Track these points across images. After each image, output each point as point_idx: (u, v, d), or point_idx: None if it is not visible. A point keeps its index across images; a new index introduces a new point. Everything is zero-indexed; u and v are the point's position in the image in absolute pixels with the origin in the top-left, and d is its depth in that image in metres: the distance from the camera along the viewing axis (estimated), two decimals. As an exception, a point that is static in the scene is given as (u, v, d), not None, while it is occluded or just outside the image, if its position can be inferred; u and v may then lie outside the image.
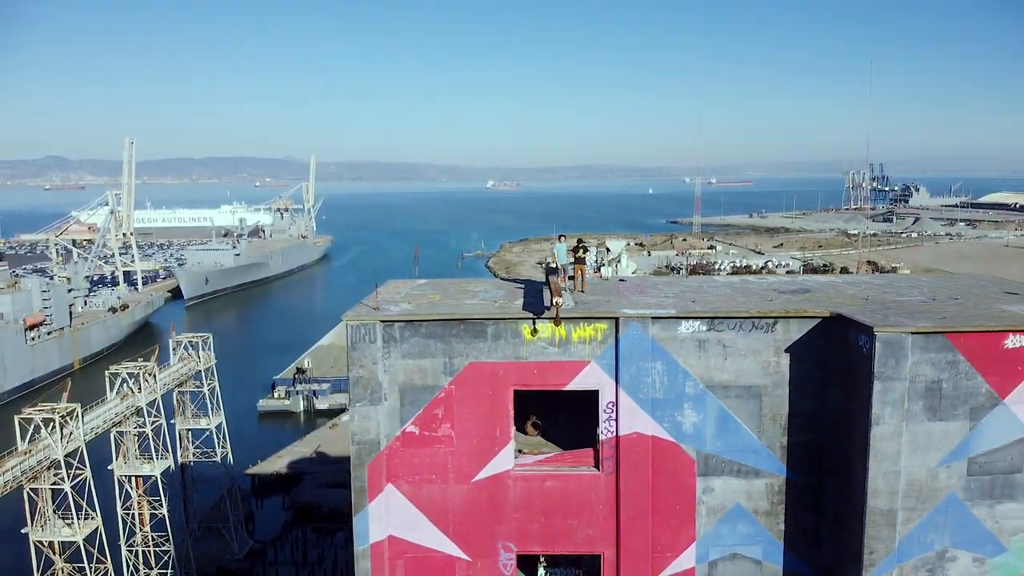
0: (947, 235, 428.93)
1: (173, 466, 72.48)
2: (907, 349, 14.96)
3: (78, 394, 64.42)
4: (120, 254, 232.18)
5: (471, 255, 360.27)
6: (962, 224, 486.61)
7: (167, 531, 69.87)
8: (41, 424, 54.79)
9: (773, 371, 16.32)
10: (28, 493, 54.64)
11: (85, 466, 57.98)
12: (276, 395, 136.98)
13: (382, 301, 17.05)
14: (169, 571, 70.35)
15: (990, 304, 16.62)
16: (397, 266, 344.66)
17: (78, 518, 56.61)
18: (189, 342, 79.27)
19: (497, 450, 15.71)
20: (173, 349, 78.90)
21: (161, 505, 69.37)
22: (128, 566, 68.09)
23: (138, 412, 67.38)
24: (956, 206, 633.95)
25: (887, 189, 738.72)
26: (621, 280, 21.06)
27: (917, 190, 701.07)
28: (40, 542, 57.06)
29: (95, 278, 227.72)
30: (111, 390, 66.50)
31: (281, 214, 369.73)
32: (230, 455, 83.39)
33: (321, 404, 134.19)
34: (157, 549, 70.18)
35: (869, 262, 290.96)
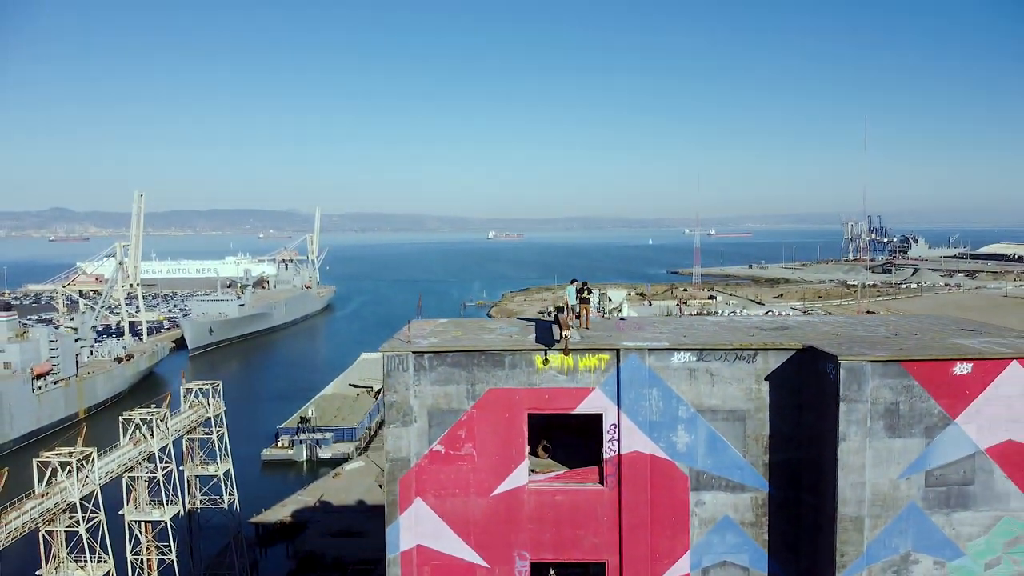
0: (946, 286, 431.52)
1: (182, 512, 73.36)
2: (867, 375, 17.14)
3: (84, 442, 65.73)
4: (125, 304, 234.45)
5: (473, 304, 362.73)
6: (961, 275, 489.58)
7: (176, 573, 70.50)
8: (58, 467, 56.11)
9: (755, 397, 18.22)
10: (43, 535, 55.68)
11: (99, 510, 59.09)
12: (280, 444, 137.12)
13: (412, 335, 19.10)
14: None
15: (945, 338, 18.62)
16: (399, 315, 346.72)
17: (91, 561, 57.44)
18: (199, 389, 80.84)
19: (513, 467, 17.50)
20: (184, 396, 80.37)
21: (170, 550, 70.12)
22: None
23: (150, 458, 68.65)
24: (955, 257, 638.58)
25: (885, 240, 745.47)
26: (621, 319, 23.09)
27: (916, 241, 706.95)
28: None
29: (100, 328, 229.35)
30: (124, 435, 67.88)
31: (286, 265, 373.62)
32: (237, 502, 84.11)
33: (324, 454, 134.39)
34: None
35: (868, 312, 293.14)
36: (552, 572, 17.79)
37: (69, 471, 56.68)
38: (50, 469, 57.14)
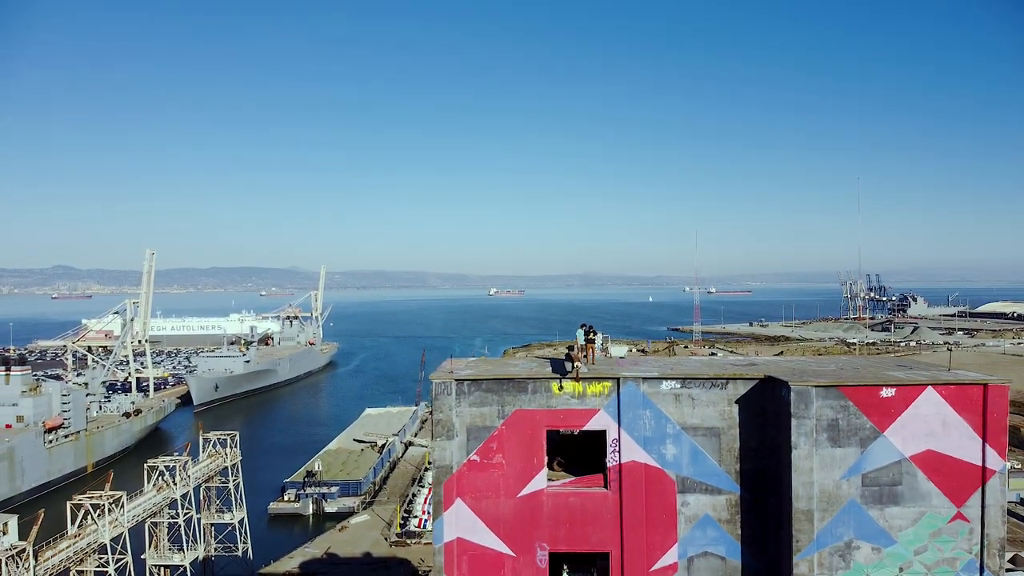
0: (945, 344, 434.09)
1: (200, 557, 75.79)
2: (812, 397, 20.64)
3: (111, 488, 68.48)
4: (133, 360, 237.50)
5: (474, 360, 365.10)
6: (960, 333, 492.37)
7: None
8: (91, 509, 59.22)
9: (727, 416, 21.86)
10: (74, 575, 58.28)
11: (127, 552, 61.91)
12: (286, 498, 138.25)
13: (453, 368, 23.03)
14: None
15: (880, 372, 22.53)
16: (401, 372, 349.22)
17: None
18: (218, 439, 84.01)
19: (534, 474, 21.06)
20: (202, 446, 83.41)
21: (188, 596, 72.44)
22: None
23: (172, 504, 71.63)
24: (954, 316, 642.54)
25: (884, 299, 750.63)
26: (620, 358, 27.18)
27: (915, 300, 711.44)
28: None
29: (107, 383, 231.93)
30: (148, 482, 70.99)
31: (291, 322, 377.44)
32: (250, 550, 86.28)
33: (330, 507, 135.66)
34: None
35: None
36: (565, 569, 21.09)
37: (100, 513, 59.83)
38: (82, 511, 60.27)
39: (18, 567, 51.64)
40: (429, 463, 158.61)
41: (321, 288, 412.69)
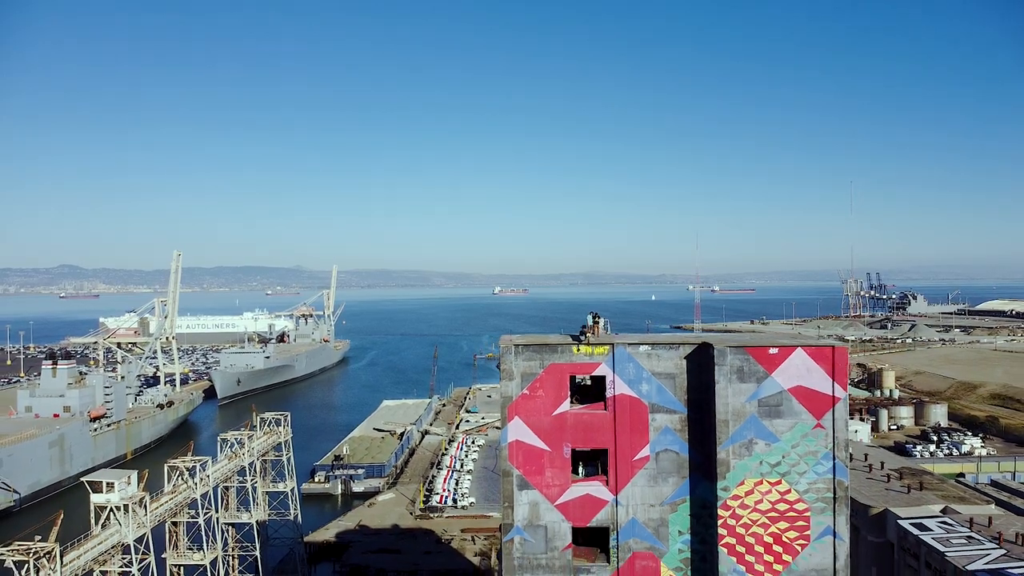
0: (940, 341, 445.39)
1: (263, 518, 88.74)
2: (727, 353, 32.46)
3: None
4: (162, 355, 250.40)
5: (483, 357, 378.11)
6: (957, 330, 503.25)
7: (258, 570, 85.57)
8: (184, 470, 72.23)
9: (679, 367, 33.77)
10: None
11: (211, 508, 74.96)
12: (316, 479, 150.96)
13: (508, 338, 35.17)
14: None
15: (777, 339, 34.71)
16: (411, 367, 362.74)
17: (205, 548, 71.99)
18: (273, 418, 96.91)
19: (562, 402, 33.04)
20: (259, 424, 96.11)
21: (254, 548, 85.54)
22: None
23: (241, 471, 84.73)
24: (953, 313, 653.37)
25: (884, 297, 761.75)
26: (615, 333, 39.34)
27: (915, 298, 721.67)
28: None
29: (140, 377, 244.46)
30: (220, 452, 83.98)
31: (306, 320, 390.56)
32: (299, 515, 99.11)
33: (357, 487, 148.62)
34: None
35: (859, 364, 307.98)
36: (580, 463, 33.08)
37: (192, 473, 72.90)
38: (177, 472, 73.35)
39: (138, 512, 64.34)
40: (445, 449, 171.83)
41: (333, 287, 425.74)
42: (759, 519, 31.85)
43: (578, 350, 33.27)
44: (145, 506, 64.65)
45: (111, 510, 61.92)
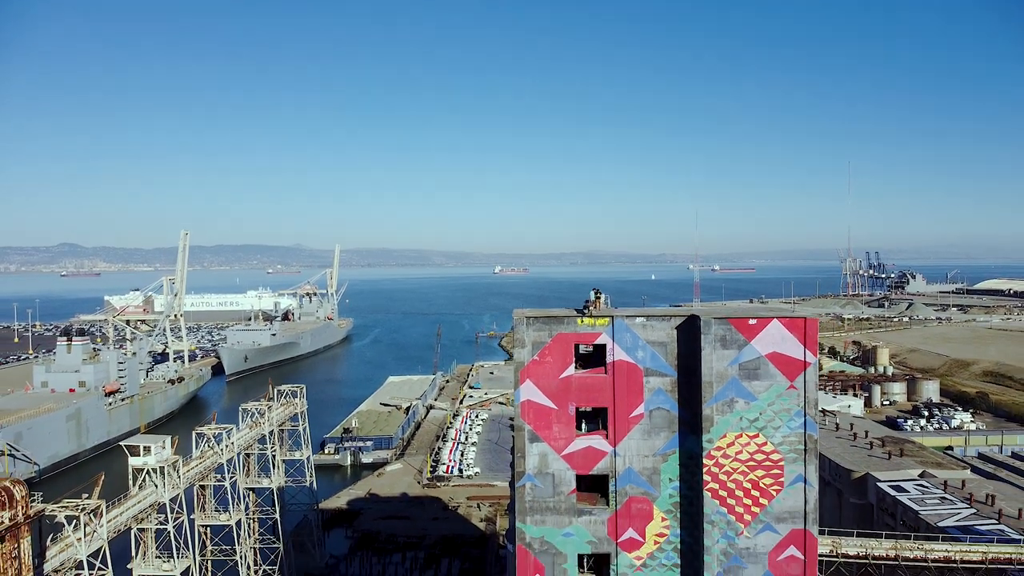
0: (937, 319, 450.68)
1: (282, 484, 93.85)
2: (712, 323, 36.81)
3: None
4: (171, 333, 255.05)
5: (485, 335, 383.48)
6: (954, 309, 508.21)
7: (279, 532, 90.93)
8: (211, 437, 77.20)
9: (670, 336, 38.15)
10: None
11: (235, 472, 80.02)
12: (326, 451, 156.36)
13: (520, 312, 39.58)
14: (277, 567, 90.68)
15: (756, 311, 39.23)
16: (414, 344, 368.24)
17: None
18: (290, 391, 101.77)
19: (567, 367, 37.49)
20: (277, 396, 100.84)
21: (274, 512, 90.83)
22: (241, 565, 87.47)
23: (262, 439, 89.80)
24: (951, 292, 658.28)
25: (883, 276, 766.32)
26: (614, 308, 43.68)
27: (913, 277, 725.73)
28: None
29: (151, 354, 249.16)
30: (242, 421, 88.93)
31: (310, 298, 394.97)
32: (315, 482, 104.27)
33: (366, 459, 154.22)
34: (265, 547, 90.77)
35: (854, 342, 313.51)
36: (583, 421, 37.73)
37: (219, 440, 77.99)
38: (204, 440, 78.37)
39: (172, 475, 69.35)
40: (450, 423, 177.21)
41: (336, 266, 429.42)
42: (739, 468, 36.56)
43: (582, 322, 37.74)
44: (178, 469, 69.71)
45: (148, 472, 66.93)
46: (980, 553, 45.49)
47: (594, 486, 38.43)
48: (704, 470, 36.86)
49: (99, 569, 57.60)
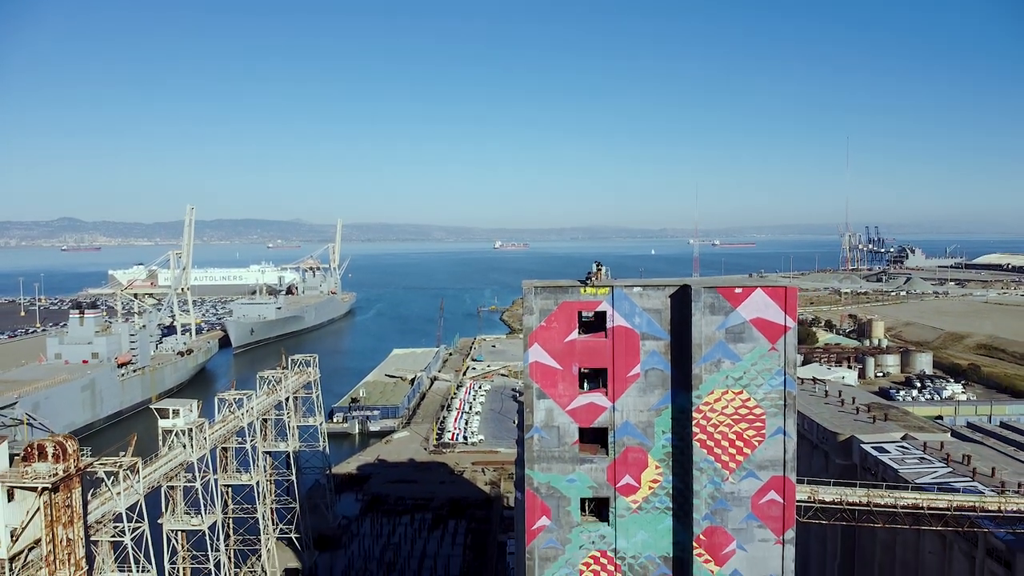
0: (934, 293, 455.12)
1: (296, 448, 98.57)
2: (701, 292, 40.68)
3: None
4: (179, 307, 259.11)
5: (486, 309, 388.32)
6: (952, 284, 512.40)
7: (295, 493, 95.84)
8: (232, 402, 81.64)
9: (664, 304, 42.17)
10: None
11: (254, 436, 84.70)
12: (335, 420, 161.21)
13: (532, 283, 43.54)
14: (293, 526, 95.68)
15: (740, 283, 43.35)
16: (417, 318, 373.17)
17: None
18: (303, 360, 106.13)
19: (571, 332, 41.63)
20: (291, 365, 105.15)
21: (290, 472, 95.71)
22: (261, 522, 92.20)
23: (278, 406, 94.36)
24: (949, 267, 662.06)
25: (883, 251, 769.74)
26: (614, 279, 47.66)
27: (912, 252, 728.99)
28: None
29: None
30: (259, 387, 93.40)
31: (313, 272, 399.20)
32: (327, 447, 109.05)
33: (374, 427, 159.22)
34: (282, 507, 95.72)
35: (851, 315, 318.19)
36: (584, 373, 41.90)
37: (240, 405, 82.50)
38: (226, 404, 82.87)
39: (197, 436, 73.80)
40: (454, 393, 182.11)
41: (338, 241, 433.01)
42: (725, 421, 40.75)
43: (584, 291, 41.75)
44: (204, 431, 74.25)
45: (176, 434, 71.43)
46: (946, 501, 49.89)
47: (595, 438, 42.70)
48: (694, 423, 41.10)
49: (136, 522, 62.29)
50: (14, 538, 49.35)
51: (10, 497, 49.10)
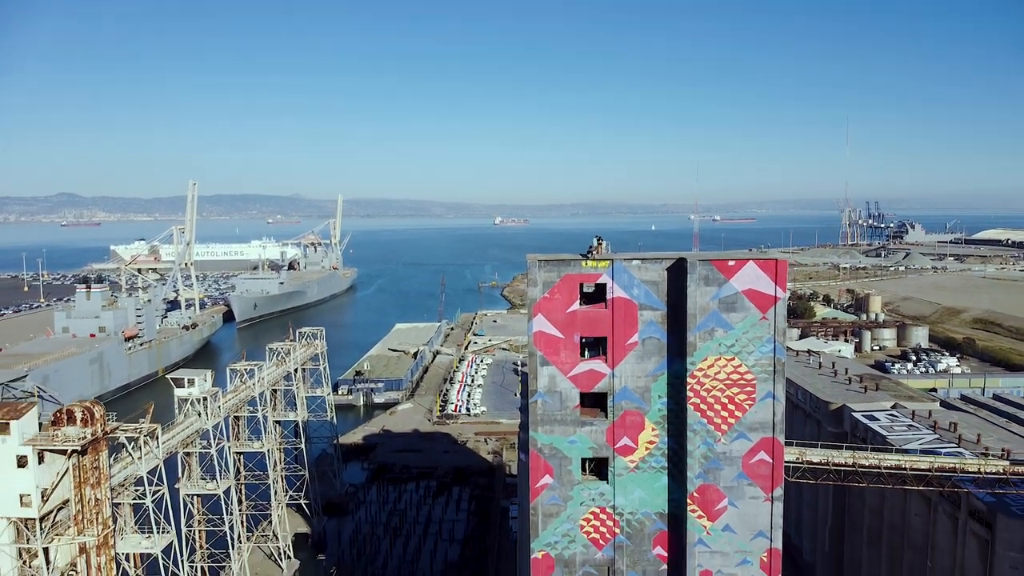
0: (932, 268, 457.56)
1: (305, 418, 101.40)
2: (696, 264, 42.82)
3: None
4: (183, 281, 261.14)
5: (487, 285, 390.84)
6: (951, 259, 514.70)
7: (303, 461, 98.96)
8: (244, 372, 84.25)
9: (662, 276, 44.41)
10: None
11: (264, 406, 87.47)
12: (340, 392, 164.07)
13: (536, 256, 45.82)
14: (302, 493, 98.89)
15: (733, 255, 45.74)
16: (417, 293, 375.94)
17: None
18: (311, 333, 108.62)
19: (573, 303, 43.95)
20: (297, 338, 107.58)
21: (299, 440, 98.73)
22: (272, 489, 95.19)
23: (287, 377, 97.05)
24: (949, 242, 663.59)
25: (882, 226, 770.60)
26: (614, 252, 49.91)
27: (912, 227, 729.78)
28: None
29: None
30: (269, 359, 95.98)
31: (315, 248, 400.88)
32: (334, 417, 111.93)
33: (378, 399, 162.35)
34: (291, 474, 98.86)
35: (848, 290, 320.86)
36: (586, 342, 44.37)
37: (251, 375, 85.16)
38: (238, 375, 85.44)
39: (211, 405, 76.51)
40: (456, 367, 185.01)
41: (339, 217, 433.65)
42: (718, 386, 43.21)
43: (586, 264, 44.03)
44: (217, 400, 76.98)
45: (192, 402, 74.15)
46: (927, 463, 52.56)
47: (595, 402, 45.18)
48: (688, 388, 43.56)
49: (156, 485, 65.19)
50: (44, 498, 52.23)
51: (40, 459, 51.88)
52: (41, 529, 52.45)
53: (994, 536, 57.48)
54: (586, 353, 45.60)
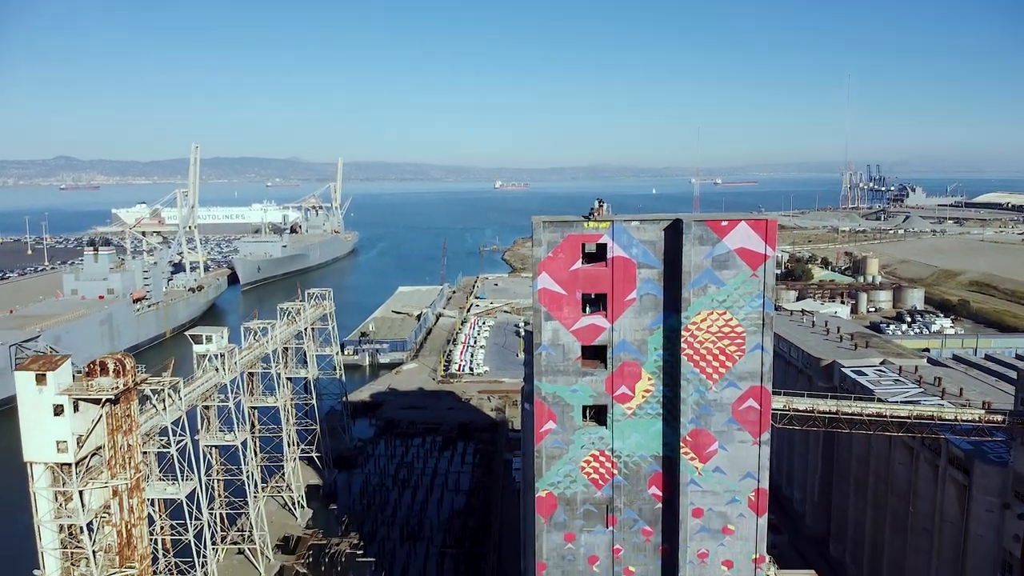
0: (931, 232, 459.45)
1: (315, 375, 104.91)
2: (692, 225, 45.45)
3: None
4: (183, 243, 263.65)
5: (488, 249, 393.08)
6: (950, 222, 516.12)
7: (314, 416, 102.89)
8: (257, 331, 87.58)
9: (659, 236, 47.25)
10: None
11: (276, 364, 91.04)
12: (346, 352, 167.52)
13: (540, 218, 48.62)
14: (313, 446, 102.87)
15: (725, 216, 48.57)
16: (419, 256, 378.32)
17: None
18: (319, 293, 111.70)
19: (575, 262, 46.98)
20: (306, 297, 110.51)
21: (312, 398, 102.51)
22: (285, 441, 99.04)
23: (297, 335, 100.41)
24: (949, 205, 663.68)
25: (883, 189, 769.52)
26: (614, 214, 52.73)
27: (913, 190, 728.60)
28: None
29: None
30: (280, 320, 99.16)
31: (316, 211, 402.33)
32: (343, 375, 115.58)
33: (384, 359, 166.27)
34: (303, 428, 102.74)
35: (846, 253, 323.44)
36: (589, 300, 47.68)
37: (264, 333, 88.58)
38: (251, 334, 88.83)
39: (228, 360, 79.95)
40: (459, 329, 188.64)
41: (340, 180, 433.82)
42: (710, 338, 46.37)
43: (588, 225, 46.87)
44: (234, 356, 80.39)
45: (210, 357, 77.52)
46: (907, 410, 55.94)
47: (595, 354, 48.38)
48: (682, 340, 46.74)
49: (179, 436, 68.84)
50: (80, 444, 55.75)
51: (75, 408, 55.30)
52: (76, 473, 56.03)
53: (971, 482, 61.30)
54: (587, 309, 48.62)
